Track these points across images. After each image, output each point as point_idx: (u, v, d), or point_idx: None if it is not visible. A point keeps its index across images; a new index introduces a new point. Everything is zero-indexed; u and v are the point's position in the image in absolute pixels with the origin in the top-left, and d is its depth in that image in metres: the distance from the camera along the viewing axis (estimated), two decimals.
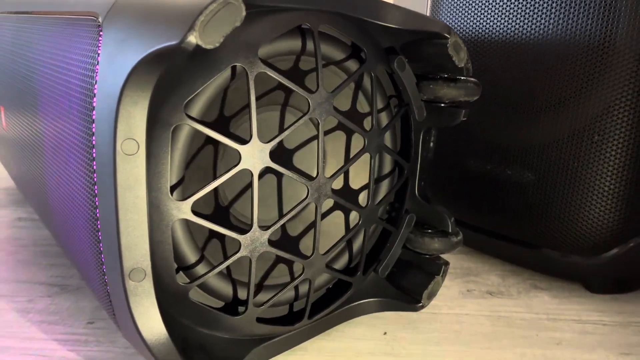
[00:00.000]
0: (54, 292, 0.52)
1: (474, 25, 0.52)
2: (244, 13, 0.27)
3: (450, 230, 0.44)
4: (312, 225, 0.40)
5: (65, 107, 0.35)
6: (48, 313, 0.49)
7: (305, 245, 0.42)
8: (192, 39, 0.26)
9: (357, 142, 0.43)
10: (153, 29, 0.28)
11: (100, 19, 0.32)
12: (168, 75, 0.30)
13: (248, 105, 0.32)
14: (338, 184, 0.44)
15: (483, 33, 0.52)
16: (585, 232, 0.48)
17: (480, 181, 0.54)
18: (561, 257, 0.50)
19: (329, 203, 0.43)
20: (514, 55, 0.50)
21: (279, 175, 0.41)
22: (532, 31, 0.48)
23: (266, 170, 0.35)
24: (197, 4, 0.26)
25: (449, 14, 0.54)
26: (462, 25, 0.54)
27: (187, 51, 0.26)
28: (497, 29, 0.51)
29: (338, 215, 0.44)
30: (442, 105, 0.42)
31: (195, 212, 0.33)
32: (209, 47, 0.26)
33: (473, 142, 0.54)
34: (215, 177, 0.35)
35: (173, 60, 0.29)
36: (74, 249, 0.41)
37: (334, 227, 0.44)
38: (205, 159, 0.36)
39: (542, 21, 0.47)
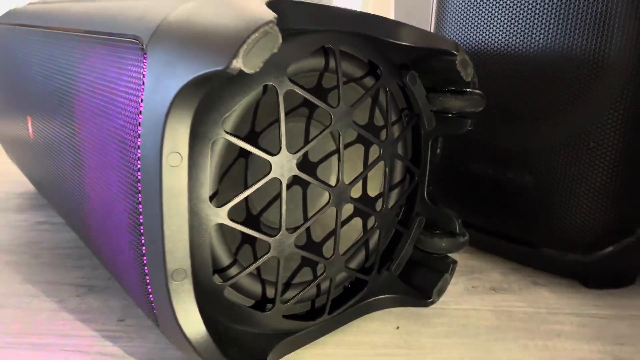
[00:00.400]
0: (83, 292, 0.55)
1: (476, 39, 0.56)
2: (280, 41, 0.30)
3: (457, 231, 0.48)
4: (332, 228, 0.43)
5: (107, 121, 0.38)
6: (80, 312, 0.52)
7: (326, 246, 0.46)
8: (236, 65, 0.29)
9: (371, 152, 0.46)
10: (198, 54, 0.31)
11: (144, 43, 0.35)
12: (207, 94, 0.33)
13: (278, 120, 0.36)
14: (355, 192, 0.47)
15: (485, 46, 0.55)
16: (582, 232, 0.51)
17: (483, 184, 0.58)
18: (559, 255, 0.54)
19: (346, 208, 0.46)
20: (514, 66, 0.53)
21: (302, 183, 0.44)
22: (531, 45, 0.51)
23: (292, 179, 0.38)
24: (239, 33, 0.29)
25: (452, 28, 0.58)
26: (464, 38, 0.57)
27: (231, 75, 0.29)
28: (498, 42, 0.54)
29: (354, 219, 0.47)
30: (450, 115, 0.46)
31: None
32: (250, 71, 0.29)
33: (476, 148, 0.57)
34: (246, 186, 0.38)
35: (215, 82, 0.32)
36: (110, 251, 0.44)
37: (350, 230, 0.47)
38: (237, 169, 0.39)
39: (541, 36, 0.51)
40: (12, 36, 0.67)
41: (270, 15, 0.30)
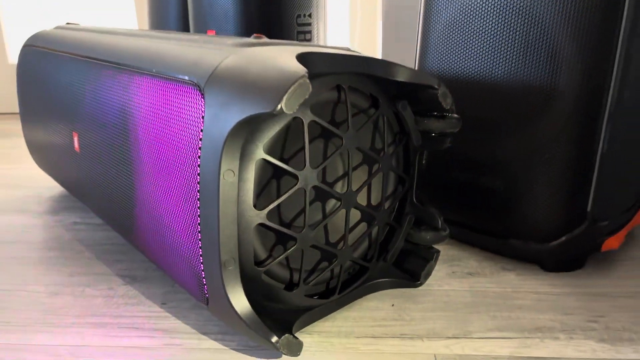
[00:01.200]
0: (127, 282, 0.66)
1: (453, 67, 0.67)
2: (311, 89, 0.41)
3: (440, 227, 0.59)
4: (342, 226, 0.54)
5: (169, 144, 0.49)
6: (128, 297, 0.62)
7: (337, 241, 0.57)
8: (280, 108, 0.39)
9: (372, 166, 0.57)
10: (250, 98, 0.42)
11: (201, 86, 0.45)
12: (253, 125, 0.44)
13: (303, 143, 0.46)
14: (360, 200, 0.57)
15: (460, 73, 0.67)
16: (540, 225, 0.63)
17: (461, 187, 0.69)
18: (523, 245, 0.65)
19: (354, 212, 0.57)
20: (485, 90, 0.65)
21: (320, 193, 0.54)
22: (497, 74, 0.63)
23: (313, 189, 0.49)
24: (281, 84, 0.40)
25: (434, 57, 0.69)
26: (444, 65, 0.68)
27: (275, 115, 0.40)
28: (471, 70, 0.65)
29: (359, 219, 0.58)
30: (433, 134, 0.57)
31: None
32: (289, 112, 0.40)
33: (455, 157, 0.69)
34: (278, 195, 0.49)
35: (261, 118, 0.43)
36: (162, 246, 0.54)
37: (356, 228, 0.58)
38: (271, 182, 0.50)
39: (505, 67, 0.62)
40: (52, 60, 0.76)
41: (303, 69, 0.41)
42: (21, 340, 0.54)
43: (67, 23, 0.93)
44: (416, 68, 0.72)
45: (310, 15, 1.03)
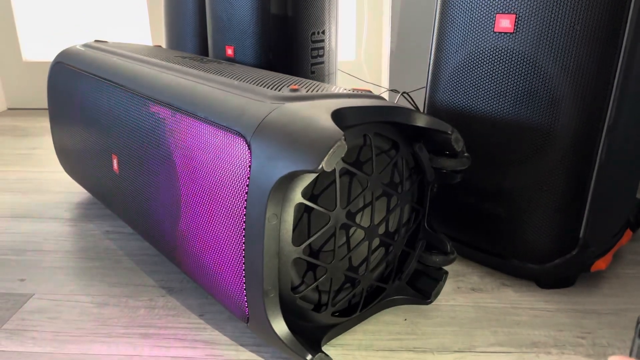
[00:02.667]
0: (165, 293, 0.73)
1: (463, 105, 0.74)
2: (346, 149, 0.47)
3: (448, 251, 0.67)
4: (364, 253, 0.61)
5: (215, 186, 0.56)
6: (167, 309, 0.69)
7: (359, 264, 0.64)
8: (321, 167, 0.46)
9: (391, 200, 0.64)
10: (293, 155, 0.48)
11: (248, 139, 0.52)
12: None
13: (331, 183, 0.53)
14: (380, 230, 0.64)
15: (469, 111, 0.73)
16: (537, 248, 0.71)
17: (468, 210, 0.76)
18: (522, 264, 0.73)
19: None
20: (490, 126, 0.71)
21: (346, 226, 0.61)
22: (503, 114, 0.70)
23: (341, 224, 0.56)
24: (322, 146, 0.47)
25: (444, 97, 0.75)
26: (453, 104, 0.75)
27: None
28: (479, 110, 0.72)
29: (379, 246, 0.65)
30: (445, 171, 0.64)
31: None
32: (328, 170, 0.47)
33: (463, 184, 0.76)
34: (309, 231, 0.56)
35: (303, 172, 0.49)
36: (204, 270, 0.61)
37: (376, 253, 0.65)
38: (303, 217, 0.57)
39: (510, 108, 0.69)
40: (89, 83, 0.82)
41: (339, 132, 0.48)
42: (79, 350, 0.61)
43: (96, 40, 0.98)
44: (427, 100, 0.78)
45: (323, 32, 1.08)
